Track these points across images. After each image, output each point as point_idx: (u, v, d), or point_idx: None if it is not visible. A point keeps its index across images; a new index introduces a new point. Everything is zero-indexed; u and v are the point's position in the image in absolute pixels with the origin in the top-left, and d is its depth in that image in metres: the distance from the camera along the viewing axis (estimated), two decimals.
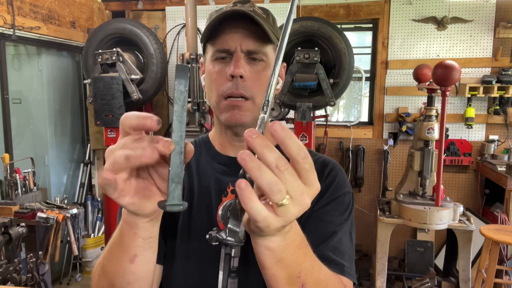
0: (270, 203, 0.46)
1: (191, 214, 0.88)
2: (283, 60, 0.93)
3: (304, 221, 0.83)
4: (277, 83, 0.88)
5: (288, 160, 0.47)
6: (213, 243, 0.81)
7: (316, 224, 0.82)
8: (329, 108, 3.66)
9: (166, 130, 4.28)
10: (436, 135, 2.93)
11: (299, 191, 0.47)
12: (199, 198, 0.89)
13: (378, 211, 3.11)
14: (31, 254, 2.40)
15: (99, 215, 4.05)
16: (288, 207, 0.47)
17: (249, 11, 0.79)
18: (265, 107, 0.52)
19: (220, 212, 0.86)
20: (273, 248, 0.55)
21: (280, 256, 0.56)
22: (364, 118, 4.12)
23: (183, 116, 0.50)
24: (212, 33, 0.83)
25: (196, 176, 0.92)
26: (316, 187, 0.49)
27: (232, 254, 0.81)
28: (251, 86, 0.82)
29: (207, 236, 0.78)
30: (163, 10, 4.19)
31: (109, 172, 0.52)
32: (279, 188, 0.45)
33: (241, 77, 0.80)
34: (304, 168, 0.47)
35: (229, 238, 0.54)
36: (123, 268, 0.65)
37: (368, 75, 4.03)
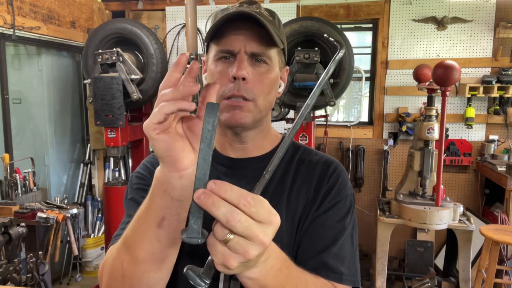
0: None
1: None
2: (286, 64, 0.93)
3: (307, 226, 0.84)
4: (279, 86, 0.88)
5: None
6: None
7: (318, 230, 0.83)
8: (329, 108, 3.67)
9: None
10: (436, 135, 2.93)
11: (251, 230, 0.50)
12: None
13: (378, 211, 3.11)
14: (31, 254, 2.40)
15: (99, 215, 4.05)
16: (238, 243, 0.50)
17: (255, 13, 0.78)
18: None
19: None
20: (254, 277, 0.59)
21: (262, 283, 0.60)
22: (364, 118, 4.12)
23: (209, 154, 0.52)
24: (217, 33, 0.81)
25: None
26: (274, 223, 0.53)
27: None
28: (253, 88, 0.81)
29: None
30: (163, 10, 4.18)
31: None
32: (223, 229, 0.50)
33: (243, 79, 0.79)
34: (251, 212, 0.50)
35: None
36: (150, 233, 0.67)
37: (368, 75, 4.03)
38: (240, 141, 0.88)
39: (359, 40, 4.20)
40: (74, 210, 2.93)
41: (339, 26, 3.39)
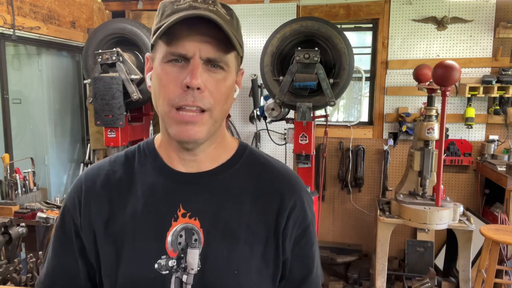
0: None
1: (136, 241, 0.78)
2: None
3: (285, 261, 0.83)
4: (234, 90, 0.82)
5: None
6: (163, 272, 0.77)
7: (294, 263, 0.84)
8: (329, 108, 3.66)
9: None
10: (436, 135, 2.92)
11: None
12: (146, 221, 0.79)
13: (378, 211, 3.11)
14: (31, 254, 2.39)
15: None
16: None
17: (211, 12, 0.70)
18: None
19: (169, 238, 0.78)
20: None
21: None
22: (364, 118, 4.12)
23: None
24: (167, 33, 0.70)
25: (141, 194, 0.81)
26: None
27: (185, 281, 0.76)
28: (209, 97, 0.72)
29: (156, 266, 0.76)
30: None
31: None
32: None
33: (198, 88, 0.70)
34: None
35: None
36: None
37: (368, 75, 4.03)
38: (189, 153, 0.79)
39: (359, 40, 4.20)
40: None
41: (339, 26, 3.39)
